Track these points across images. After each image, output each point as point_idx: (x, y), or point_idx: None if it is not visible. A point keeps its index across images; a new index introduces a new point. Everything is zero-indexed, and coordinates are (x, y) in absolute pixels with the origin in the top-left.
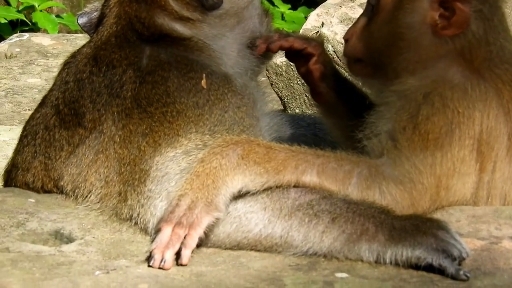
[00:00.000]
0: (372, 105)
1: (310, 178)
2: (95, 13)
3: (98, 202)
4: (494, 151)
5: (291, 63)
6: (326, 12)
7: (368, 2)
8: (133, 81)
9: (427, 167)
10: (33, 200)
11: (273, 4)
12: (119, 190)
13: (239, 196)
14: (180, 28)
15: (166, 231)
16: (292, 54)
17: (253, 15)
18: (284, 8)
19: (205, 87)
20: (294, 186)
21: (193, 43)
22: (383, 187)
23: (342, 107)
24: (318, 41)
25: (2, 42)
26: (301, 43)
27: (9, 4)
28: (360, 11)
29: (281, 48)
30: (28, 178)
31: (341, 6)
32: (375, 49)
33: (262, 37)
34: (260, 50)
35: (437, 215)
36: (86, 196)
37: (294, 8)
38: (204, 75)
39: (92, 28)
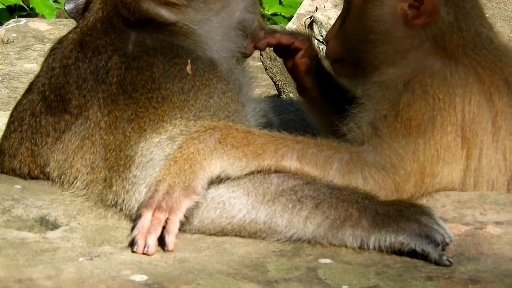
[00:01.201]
0: (354, 99)
1: (291, 162)
2: None
3: (84, 188)
4: (479, 138)
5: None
6: None
7: (344, 1)
8: (118, 67)
9: (410, 153)
10: (19, 187)
11: None
12: (105, 176)
13: (222, 181)
14: (165, 13)
15: (147, 216)
16: (280, 50)
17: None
18: None
19: (190, 72)
20: (276, 172)
21: (178, 28)
22: (365, 172)
23: (327, 103)
24: (305, 35)
25: None
26: (288, 38)
27: None
28: None
29: (268, 45)
30: (15, 164)
31: None
32: (352, 47)
33: (250, 36)
34: (249, 50)
35: (423, 201)
36: (72, 182)
37: None
38: (189, 60)
39: (78, 14)
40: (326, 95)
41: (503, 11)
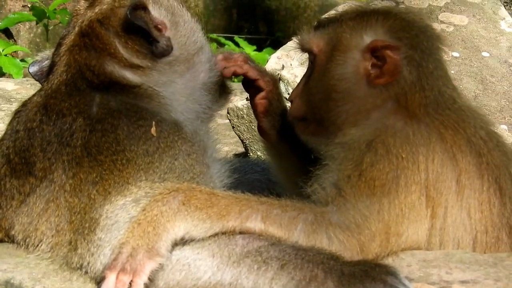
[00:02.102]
0: (316, 158)
1: (255, 223)
2: (46, 61)
3: (49, 251)
4: (443, 196)
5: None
6: (287, 55)
7: (308, 60)
8: (83, 129)
9: (374, 213)
10: None
11: (238, 45)
12: (70, 239)
13: (187, 243)
14: (130, 76)
15: (111, 278)
16: (246, 82)
17: (203, 60)
18: (249, 50)
19: (155, 134)
20: (240, 233)
21: (143, 91)
22: (330, 232)
23: (284, 149)
24: (272, 77)
25: None
26: (255, 74)
27: None
28: None
29: (234, 73)
30: None
31: None
32: (315, 106)
33: (223, 54)
34: (220, 67)
35: (389, 260)
36: (37, 245)
37: (259, 49)
38: (153, 122)
39: (43, 76)
40: (284, 141)
41: (468, 67)
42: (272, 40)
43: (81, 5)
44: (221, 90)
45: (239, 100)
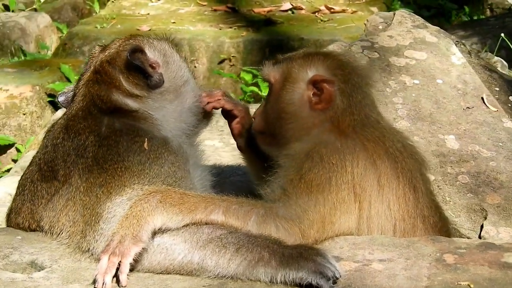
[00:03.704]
0: (270, 166)
1: (217, 216)
2: (71, 92)
3: (67, 238)
4: (367, 193)
5: None
6: None
7: (268, 87)
8: (93, 144)
9: (312, 207)
10: (20, 237)
11: (260, 90)
12: (82, 229)
13: (166, 232)
14: (130, 103)
15: (104, 259)
16: (224, 112)
17: (189, 90)
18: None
19: (147, 148)
20: (207, 224)
21: (140, 114)
22: (277, 222)
23: (256, 160)
24: (244, 106)
25: None
26: (230, 105)
27: None
28: None
29: (214, 108)
30: (19, 220)
31: None
32: (270, 123)
33: (206, 93)
34: (203, 103)
35: (326, 244)
36: (59, 234)
37: None
38: (146, 139)
39: (68, 103)
40: (255, 154)
41: (426, 91)
42: None
43: (96, 49)
44: (205, 113)
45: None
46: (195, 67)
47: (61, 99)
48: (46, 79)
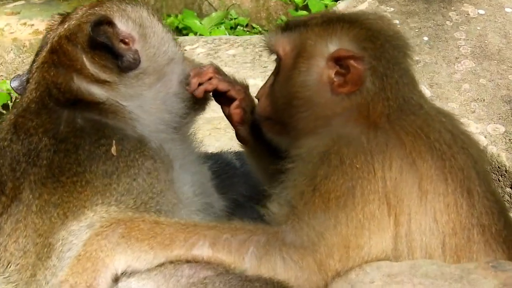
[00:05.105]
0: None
1: (202, 250)
2: (26, 76)
3: (16, 273)
4: (405, 203)
5: None
6: None
7: (276, 60)
8: (48, 149)
9: (330, 228)
10: None
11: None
12: (33, 262)
13: (134, 274)
14: (97, 91)
15: None
16: (217, 95)
17: (176, 70)
18: (327, 0)
19: (115, 154)
20: (188, 261)
21: (107, 106)
22: (283, 253)
23: (262, 152)
24: (243, 85)
25: None
26: (225, 85)
27: None
28: None
29: (205, 91)
30: None
31: None
32: (278, 109)
33: (194, 71)
34: (191, 87)
35: (352, 275)
36: (6, 267)
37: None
38: (114, 142)
39: (24, 90)
40: (260, 145)
41: (493, 23)
42: None
43: (55, 20)
44: (197, 98)
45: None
46: None
47: (14, 84)
48: None
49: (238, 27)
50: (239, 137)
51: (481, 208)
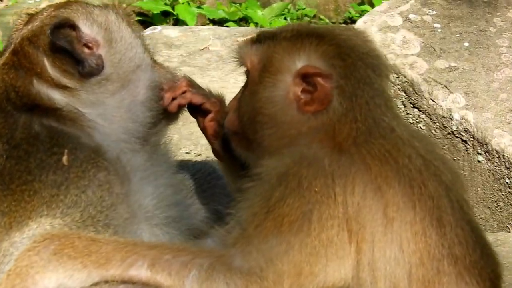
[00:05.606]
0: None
1: (140, 271)
2: None
3: None
4: (367, 230)
5: None
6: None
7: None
8: (1, 154)
9: (281, 254)
10: None
11: None
12: None
13: None
14: (57, 96)
15: None
16: (192, 108)
17: (143, 77)
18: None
19: (66, 163)
20: (124, 282)
21: (66, 113)
22: (227, 278)
23: (235, 168)
24: (219, 97)
25: None
26: (199, 98)
27: None
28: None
29: (179, 106)
30: None
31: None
32: (244, 123)
33: (167, 85)
34: (165, 103)
35: None
36: None
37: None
38: (66, 151)
39: None
40: (234, 161)
41: None
42: None
43: (22, 19)
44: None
45: None
46: None
47: None
48: None
49: (305, 18)
50: (214, 151)
51: (453, 237)
